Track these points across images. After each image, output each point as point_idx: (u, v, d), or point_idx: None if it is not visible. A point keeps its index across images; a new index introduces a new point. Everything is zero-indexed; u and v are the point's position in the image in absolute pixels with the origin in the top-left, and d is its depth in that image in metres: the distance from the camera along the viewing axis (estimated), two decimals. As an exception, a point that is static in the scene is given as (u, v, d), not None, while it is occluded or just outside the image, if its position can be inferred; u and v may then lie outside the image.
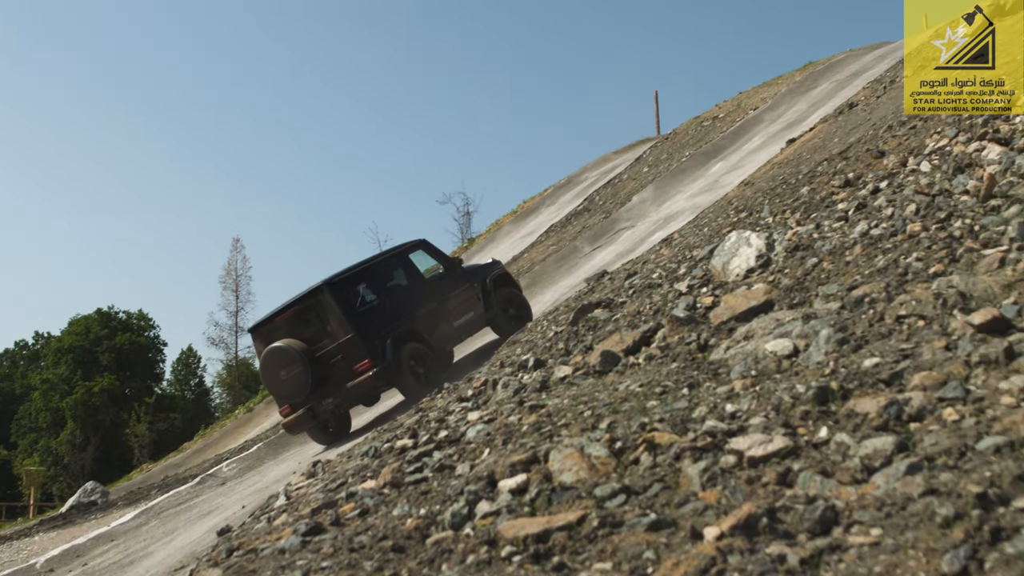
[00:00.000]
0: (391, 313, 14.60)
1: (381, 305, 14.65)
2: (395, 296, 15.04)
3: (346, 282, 14.51)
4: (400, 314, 14.69)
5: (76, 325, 72.33)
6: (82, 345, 70.21)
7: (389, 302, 14.80)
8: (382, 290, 14.95)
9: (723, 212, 12.75)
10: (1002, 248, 5.94)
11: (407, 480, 5.72)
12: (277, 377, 14.05)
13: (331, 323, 13.99)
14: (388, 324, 14.33)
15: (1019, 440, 3.53)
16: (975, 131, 8.80)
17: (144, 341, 74.30)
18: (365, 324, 14.09)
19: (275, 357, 14.01)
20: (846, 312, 5.90)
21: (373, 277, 15.02)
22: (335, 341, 13.93)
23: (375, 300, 14.64)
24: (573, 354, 8.11)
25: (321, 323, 14.18)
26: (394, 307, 14.77)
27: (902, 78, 17.72)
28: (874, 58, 28.81)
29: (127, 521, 15.64)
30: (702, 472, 4.10)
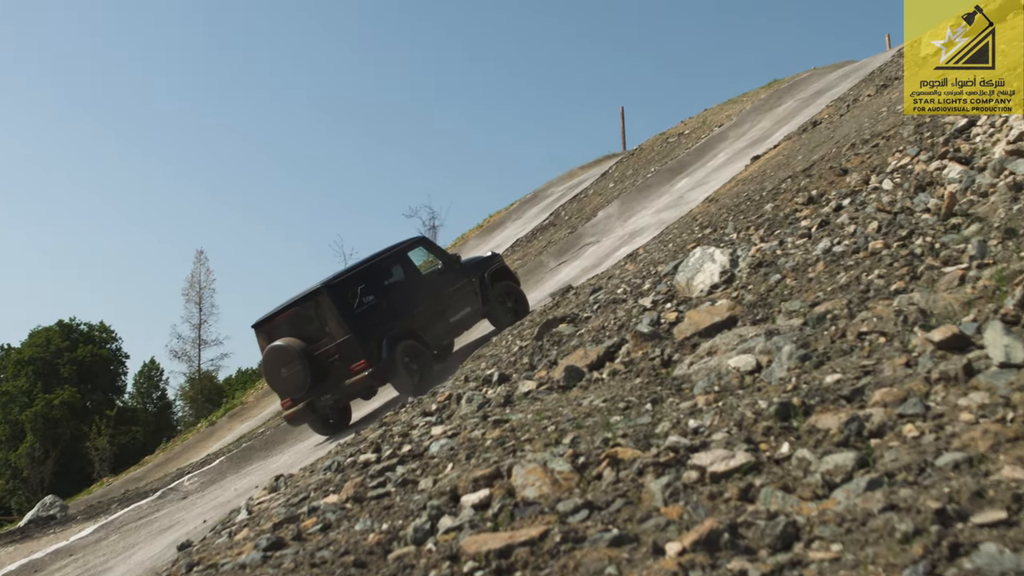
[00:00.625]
0: (388, 312, 14.92)
1: (379, 305, 14.93)
2: (393, 295, 15.33)
3: (345, 284, 14.79)
4: (397, 313, 15.03)
5: (36, 337, 71.46)
6: (42, 357, 69.38)
7: (387, 302, 15.09)
8: (380, 290, 15.19)
9: (688, 228, 12.80)
10: (962, 266, 6.00)
11: (370, 495, 5.69)
12: (278, 374, 14.53)
13: (329, 324, 14.39)
14: (385, 323, 14.68)
15: (977, 456, 3.56)
16: (936, 150, 8.89)
17: (106, 353, 73.50)
18: (362, 325, 14.43)
19: (276, 355, 14.47)
20: (808, 328, 5.94)
21: (372, 277, 15.26)
22: (333, 341, 14.32)
23: (373, 300, 14.90)
24: (537, 369, 8.11)
25: (320, 323, 14.56)
26: (391, 306, 15.08)
27: (865, 96, 17.93)
28: (838, 77, 29.03)
29: (86, 536, 15.43)
30: (664, 488, 4.10)
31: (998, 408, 3.92)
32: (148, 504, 16.96)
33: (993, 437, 3.66)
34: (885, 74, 20.48)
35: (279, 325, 14.95)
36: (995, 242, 6.15)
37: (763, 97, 32.28)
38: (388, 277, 15.65)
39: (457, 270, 16.70)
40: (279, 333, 14.82)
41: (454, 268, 16.72)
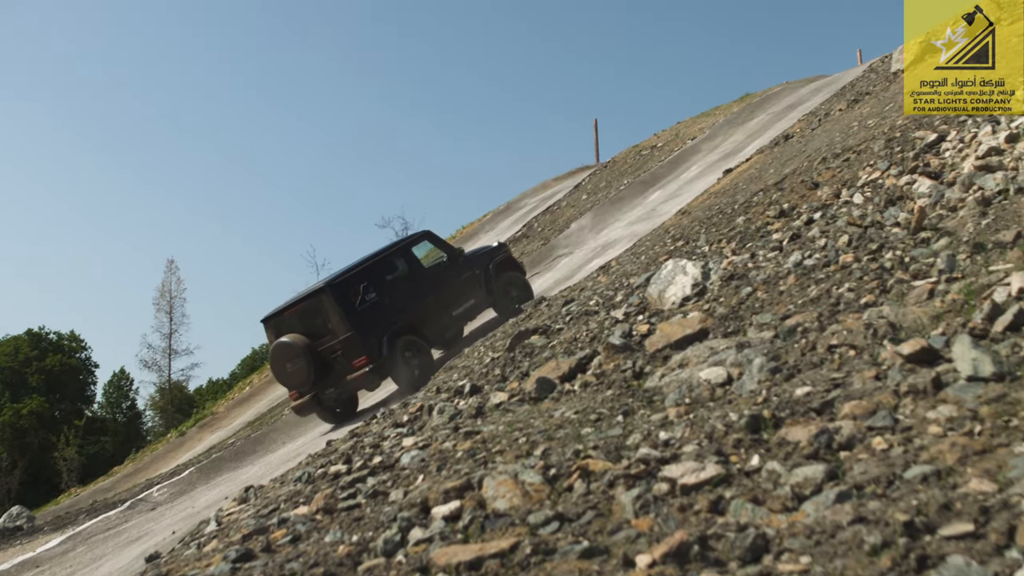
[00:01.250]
0: (390, 308, 15.38)
1: (381, 302, 15.38)
2: (395, 291, 15.74)
3: (347, 283, 15.27)
4: (399, 309, 15.51)
5: (5, 345, 70.81)
6: (11, 366, 68.74)
7: (389, 298, 15.52)
8: (383, 286, 15.61)
9: (660, 240, 12.85)
10: (931, 280, 6.04)
11: (340, 506, 5.67)
12: (284, 369, 15.11)
13: (332, 322, 14.86)
14: (387, 320, 15.14)
15: (945, 469, 3.59)
16: (906, 164, 8.97)
17: (75, 363, 72.91)
18: (364, 323, 14.92)
19: (281, 351, 15.05)
20: (779, 341, 5.97)
21: (375, 274, 15.69)
22: (335, 338, 14.81)
23: (375, 297, 15.38)
24: (509, 380, 8.11)
25: (323, 321, 15.02)
26: (394, 302, 15.53)
27: (836, 111, 18.06)
28: (810, 91, 29.24)
29: (53, 547, 15.29)
30: (635, 499, 4.10)
31: (966, 421, 3.94)
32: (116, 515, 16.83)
33: (961, 450, 3.68)
34: (856, 89, 20.64)
35: (286, 320, 15.47)
36: (964, 256, 6.21)
37: (736, 111, 32.47)
38: (391, 273, 15.99)
39: (461, 263, 17.10)
40: (286, 328, 15.37)
41: (458, 261, 17.11)
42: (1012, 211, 6.74)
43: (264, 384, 30.47)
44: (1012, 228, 6.30)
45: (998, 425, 3.82)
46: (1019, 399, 3.99)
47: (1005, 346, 4.66)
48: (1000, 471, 3.45)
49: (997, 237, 6.24)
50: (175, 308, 64.24)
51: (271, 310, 16.10)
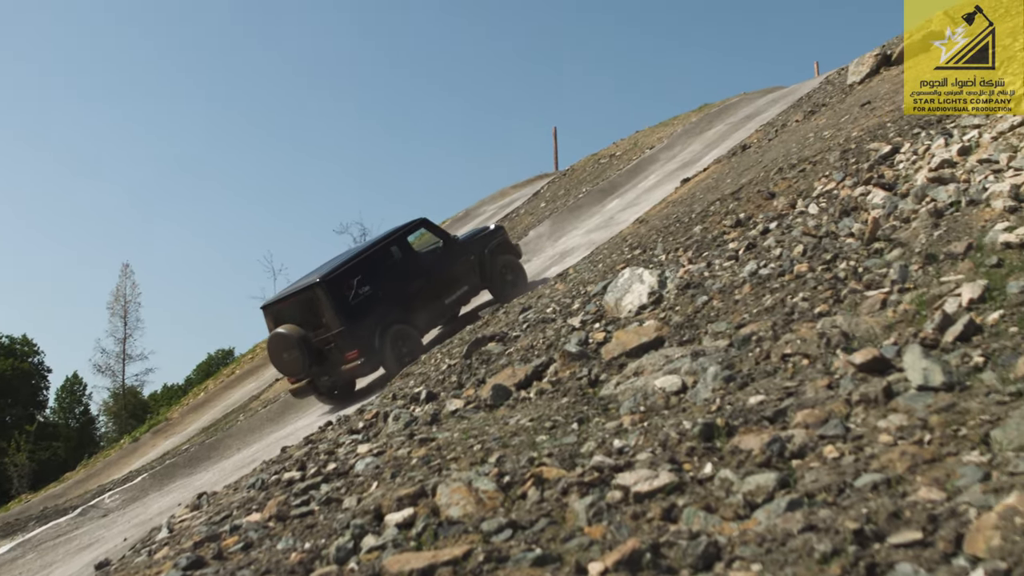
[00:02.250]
0: (383, 300, 15.66)
1: (374, 294, 15.65)
2: (389, 282, 15.95)
3: (341, 277, 15.49)
4: (392, 300, 15.76)
5: (-45, 350, 69.86)
6: (-39, 370, 67.80)
7: (382, 290, 15.78)
8: (376, 278, 15.86)
9: (618, 249, 12.88)
10: (884, 290, 6.10)
11: (293, 513, 5.62)
12: (280, 357, 15.53)
13: (325, 315, 15.21)
14: (379, 312, 15.44)
15: (895, 478, 3.62)
16: (861, 176, 9.05)
17: (27, 367, 71.83)
18: (356, 316, 15.24)
19: (278, 341, 15.43)
20: (734, 350, 6.00)
21: (369, 266, 15.93)
22: (329, 331, 15.18)
23: (369, 290, 15.64)
24: (465, 387, 8.09)
25: (317, 313, 15.36)
26: (387, 293, 15.77)
27: (793, 122, 18.20)
28: (767, 102, 29.44)
29: (2, 554, 15.05)
30: (588, 507, 4.10)
31: (916, 430, 3.98)
32: (67, 522, 16.60)
33: (911, 459, 3.72)
34: (813, 100, 20.81)
35: (284, 309, 15.83)
36: (916, 267, 6.28)
37: (694, 120, 32.63)
38: (385, 264, 16.21)
39: (456, 249, 17.29)
40: (283, 317, 15.72)
41: (453, 247, 17.31)
42: (964, 223, 6.82)
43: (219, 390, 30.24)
44: (963, 240, 6.37)
45: (947, 434, 3.86)
46: (968, 409, 4.03)
47: (955, 356, 4.71)
48: (949, 480, 3.49)
49: (949, 248, 6.31)
50: (130, 312, 63.54)
51: (270, 299, 16.60)
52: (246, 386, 27.46)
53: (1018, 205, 6.65)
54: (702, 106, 36.72)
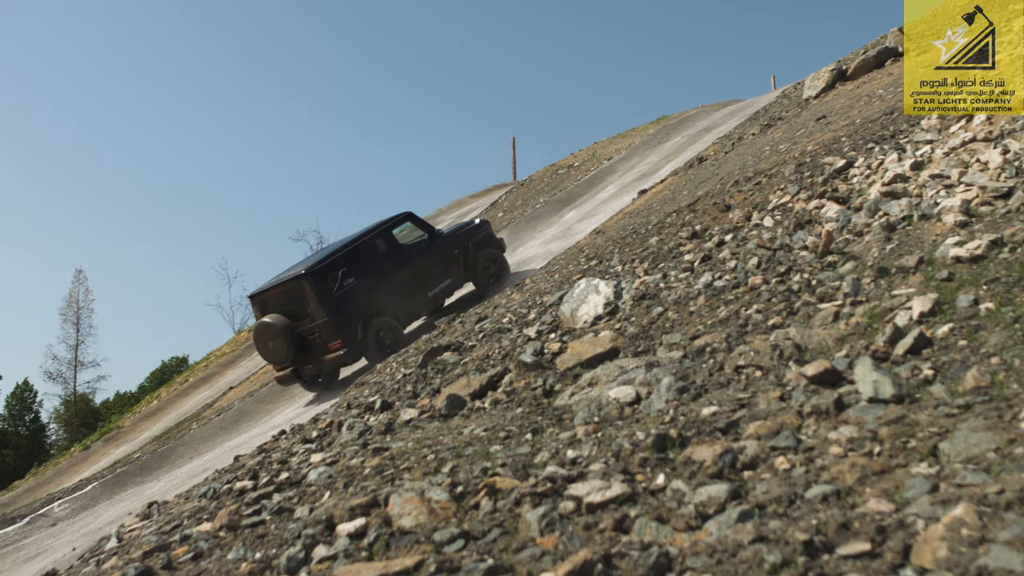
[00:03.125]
0: (368, 292, 16.03)
1: (358, 286, 16.00)
2: (373, 274, 16.32)
3: (326, 269, 15.81)
4: (376, 292, 16.14)
5: (-97, 356, 68.76)
6: (-92, 376, 66.78)
7: (367, 282, 16.13)
8: (361, 270, 16.18)
9: (574, 259, 12.91)
10: (837, 303, 6.16)
11: (244, 523, 5.57)
12: (266, 346, 15.90)
13: (310, 306, 15.57)
14: (363, 304, 15.84)
15: (845, 489, 3.64)
16: (815, 189, 9.13)
17: (-25, 374, 70.95)
18: (340, 308, 15.63)
19: (264, 330, 15.82)
20: (688, 361, 6.02)
21: (354, 259, 16.25)
22: (313, 322, 15.54)
23: (353, 282, 15.98)
24: (420, 397, 8.07)
25: (302, 304, 15.71)
26: (371, 286, 16.14)
27: (749, 135, 18.34)
28: (724, 115, 29.66)
29: (-52, 563, 14.83)
30: (541, 518, 4.10)
31: (866, 442, 4.01)
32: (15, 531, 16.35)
33: (860, 470, 3.74)
34: (769, 114, 20.99)
35: (270, 299, 16.20)
36: (868, 280, 6.34)
37: (652, 132, 32.79)
38: (370, 257, 16.50)
39: (440, 243, 17.62)
40: (269, 306, 16.12)
41: (438, 241, 17.64)
42: (915, 237, 6.90)
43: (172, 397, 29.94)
44: (915, 253, 6.45)
45: (896, 446, 3.90)
46: (917, 421, 4.07)
47: (905, 368, 4.76)
48: (897, 491, 3.52)
49: (900, 262, 6.38)
50: (82, 319, 62.92)
51: (257, 288, 16.89)
52: (200, 394, 27.20)
53: (968, 220, 6.74)
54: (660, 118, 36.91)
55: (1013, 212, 6.59)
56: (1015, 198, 6.75)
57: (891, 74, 15.39)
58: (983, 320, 5.04)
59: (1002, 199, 6.91)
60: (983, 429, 3.78)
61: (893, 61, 16.43)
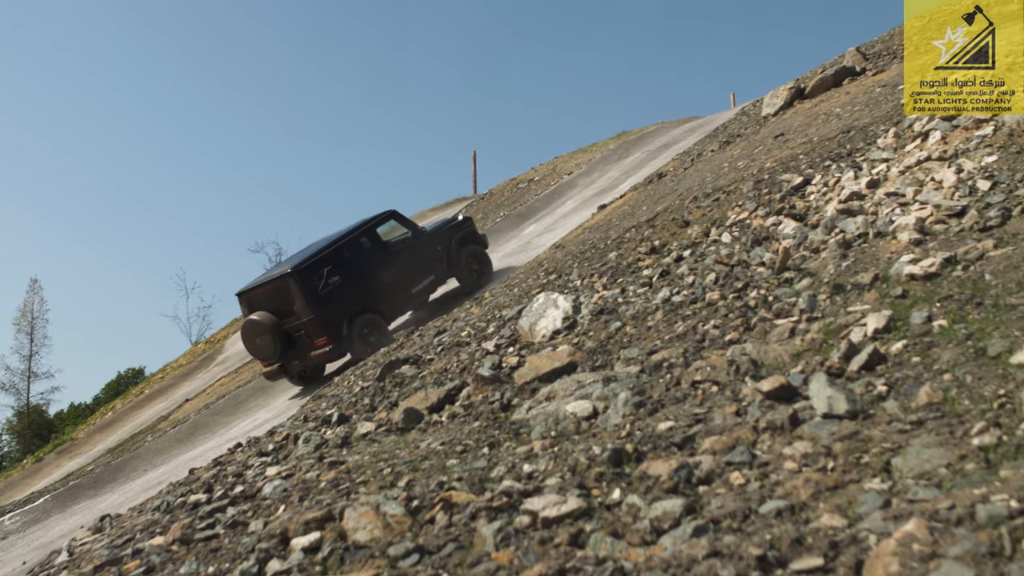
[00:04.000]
0: (352, 290, 16.28)
1: (343, 284, 16.24)
2: (358, 272, 16.57)
3: (311, 267, 16.06)
4: (361, 289, 16.40)
5: None
6: None
7: (351, 280, 16.38)
8: (346, 268, 16.43)
9: (534, 273, 12.92)
10: (793, 319, 6.20)
11: (197, 536, 5.52)
12: (253, 343, 16.18)
13: (296, 304, 15.79)
14: (348, 301, 16.08)
15: (799, 504, 3.66)
16: (773, 206, 9.20)
17: (-73, 384, 69.86)
18: (326, 305, 15.85)
19: (251, 327, 16.06)
20: (645, 376, 6.04)
21: (339, 257, 16.48)
22: (299, 319, 15.79)
23: (338, 280, 16.21)
24: (378, 410, 8.04)
25: (289, 302, 15.94)
26: (356, 283, 16.40)
27: (709, 151, 18.46)
28: (683, 131, 29.80)
29: None
30: (496, 532, 4.08)
31: (820, 457, 4.04)
32: (-35, 544, 16.12)
33: (814, 486, 3.77)
34: (728, 131, 21.11)
35: (257, 297, 16.43)
36: (824, 297, 6.39)
37: (612, 148, 32.91)
38: (355, 255, 16.72)
39: (424, 240, 17.86)
40: (256, 304, 16.35)
41: (421, 238, 17.89)
42: (871, 254, 6.97)
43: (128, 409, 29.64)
44: (870, 271, 6.51)
45: (850, 461, 3.92)
46: (871, 437, 4.10)
47: (859, 385, 4.80)
48: (850, 506, 3.54)
49: (856, 279, 6.44)
50: (36, 329, 62.09)
51: (245, 286, 17.02)
52: (155, 406, 26.95)
53: (923, 238, 6.81)
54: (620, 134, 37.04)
55: (966, 230, 6.67)
56: (968, 217, 6.83)
57: (848, 93, 15.55)
58: (936, 337, 5.09)
59: (956, 217, 6.99)
60: (935, 445, 3.81)
61: (851, 80, 16.60)
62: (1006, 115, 8.28)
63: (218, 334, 33.00)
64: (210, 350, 29.84)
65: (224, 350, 28.20)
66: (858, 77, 16.61)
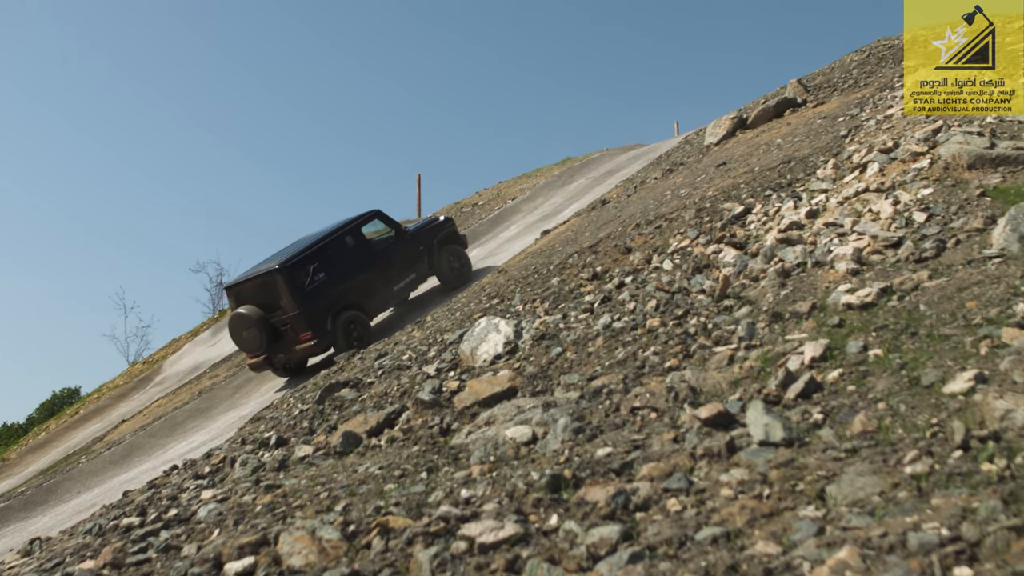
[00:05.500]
0: (337, 286, 16.80)
1: (328, 281, 16.77)
2: (342, 269, 16.99)
3: (298, 264, 16.52)
4: (345, 286, 16.88)
5: None
6: None
7: (336, 277, 16.88)
8: (331, 266, 16.91)
9: (476, 298, 12.91)
10: (732, 346, 6.25)
11: (129, 561, 5.43)
12: (240, 335, 16.73)
13: (283, 299, 16.25)
14: (333, 298, 16.59)
15: (735, 531, 3.68)
16: (714, 234, 9.29)
17: None
18: (311, 302, 16.32)
19: (238, 320, 16.64)
20: (585, 402, 6.05)
21: (325, 254, 16.98)
22: (285, 314, 16.28)
23: (324, 277, 16.71)
24: (316, 433, 7.98)
25: (275, 297, 16.39)
26: (341, 280, 16.88)
27: (652, 179, 18.61)
28: (627, 158, 29.95)
29: None
30: (433, 558, 4.06)
31: (756, 484, 4.06)
32: None
33: (750, 513, 3.79)
34: (672, 159, 21.29)
35: (245, 291, 16.90)
36: (763, 325, 6.45)
37: (556, 173, 33.00)
38: (340, 252, 17.23)
39: (407, 239, 18.45)
40: (244, 297, 16.85)
41: (404, 237, 18.47)
42: (809, 283, 7.05)
43: (62, 430, 29.13)
44: (808, 300, 6.59)
45: (785, 489, 3.95)
46: (806, 464, 4.14)
47: (796, 412, 4.84)
48: (785, 534, 3.56)
49: (794, 307, 6.51)
50: (-31, 348, 60.95)
51: (232, 280, 17.84)
52: (90, 427, 26.49)
53: (860, 268, 6.90)
54: (565, 160, 37.16)
55: (902, 261, 6.77)
56: (904, 248, 6.94)
57: (789, 124, 15.76)
58: (871, 366, 5.16)
59: (892, 248, 7.10)
60: (869, 473, 3.85)
61: (792, 111, 16.83)
62: (941, 149, 8.43)
63: (156, 354, 32.52)
64: (148, 370, 29.42)
65: (162, 371, 27.83)
66: (799, 108, 16.86)
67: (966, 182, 7.82)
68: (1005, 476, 3.57)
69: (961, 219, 7.05)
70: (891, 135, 10.04)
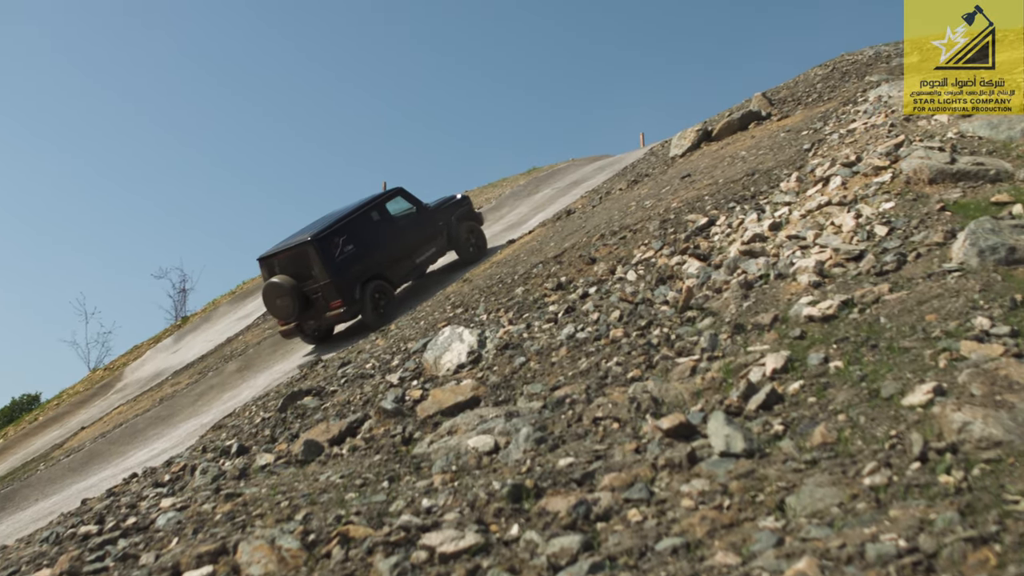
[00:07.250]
0: (364, 258, 17.76)
1: (357, 252, 17.74)
2: (369, 242, 18.01)
3: (329, 236, 17.50)
4: (371, 257, 17.86)
5: None
6: None
7: (363, 249, 17.85)
8: (359, 238, 17.91)
9: (440, 307, 12.90)
10: (694, 357, 6.27)
11: (86, 570, 5.38)
12: (274, 303, 17.54)
13: (315, 269, 17.20)
14: (360, 268, 17.53)
15: (695, 542, 3.69)
16: (678, 245, 9.32)
17: None
18: (341, 271, 17.26)
19: (272, 289, 17.39)
20: (547, 412, 6.05)
21: (353, 228, 18.01)
22: (317, 283, 17.19)
23: (352, 249, 17.69)
24: (278, 442, 7.93)
25: (308, 267, 17.34)
26: (368, 252, 17.85)
27: (617, 190, 18.67)
28: (593, 169, 30.03)
29: None
30: (393, 567, 4.05)
31: (716, 495, 4.08)
32: None
33: (710, 523, 3.80)
34: (637, 170, 21.38)
35: (278, 261, 17.76)
36: (725, 336, 6.48)
37: (522, 183, 33.04)
38: (367, 226, 18.35)
39: (427, 215, 19.55)
40: (277, 268, 17.74)
41: (425, 214, 19.56)
42: (771, 295, 7.09)
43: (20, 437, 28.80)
44: (770, 311, 6.62)
45: (746, 500, 3.97)
46: (766, 475, 4.16)
47: (757, 424, 4.87)
48: (745, 544, 3.58)
49: (756, 319, 6.54)
50: (-73, 353, 60.13)
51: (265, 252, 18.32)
52: (49, 433, 26.21)
53: (822, 280, 6.95)
54: (531, 169, 37.20)
55: (864, 274, 6.82)
56: (865, 261, 6.99)
57: (754, 137, 15.86)
58: (832, 378, 5.19)
59: (853, 261, 7.15)
60: (828, 484, 3.87)
61: (756, 124, 16.94)
62: (903, 163, 8.51)
63: (117, 361, 32.23)
64: (108, 377, 29.15)
65: (123, 377, 27.59)
66: (764, 122, 16.98)
67: (927, 196, 7.89)
68: (962, 488, 3.61)
69: (922, 233, 7.11)
70: (854, 149, 10.12)
